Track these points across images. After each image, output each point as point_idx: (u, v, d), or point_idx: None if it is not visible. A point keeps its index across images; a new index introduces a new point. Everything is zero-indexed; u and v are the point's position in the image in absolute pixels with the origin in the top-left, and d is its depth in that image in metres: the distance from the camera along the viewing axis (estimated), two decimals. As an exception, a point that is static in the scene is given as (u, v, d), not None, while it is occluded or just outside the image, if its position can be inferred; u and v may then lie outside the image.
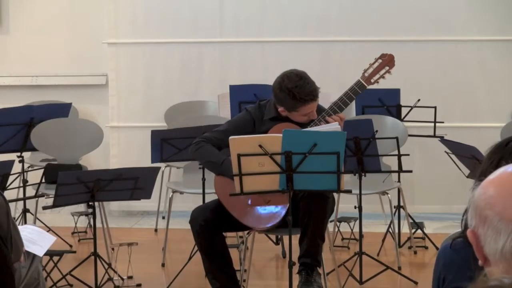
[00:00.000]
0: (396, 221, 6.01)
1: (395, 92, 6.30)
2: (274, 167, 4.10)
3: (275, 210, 4.44)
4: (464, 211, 2.10)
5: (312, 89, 4.51)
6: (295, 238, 4.42)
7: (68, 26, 7.55)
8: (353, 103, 6.34)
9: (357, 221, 5.38)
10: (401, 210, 6.04)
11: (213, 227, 4.51)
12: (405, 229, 6.12)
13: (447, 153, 5.62)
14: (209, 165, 4.61)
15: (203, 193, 5.50)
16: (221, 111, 6.56)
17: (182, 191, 5.96)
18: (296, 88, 4.47)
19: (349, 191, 4.62)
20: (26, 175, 5.50)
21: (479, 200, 1.63)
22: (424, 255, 6.03)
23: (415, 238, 6.11)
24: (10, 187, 4.86)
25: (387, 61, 4.76)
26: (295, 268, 4.41)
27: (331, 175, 4.11)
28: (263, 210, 4.48)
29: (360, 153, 5.14)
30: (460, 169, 5.57)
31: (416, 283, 5.30)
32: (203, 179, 5.51)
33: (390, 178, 5.86)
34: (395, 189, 6.00)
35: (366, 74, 4.71)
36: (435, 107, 6.09)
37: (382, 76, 4.77)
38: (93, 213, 4.90)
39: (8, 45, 7.63)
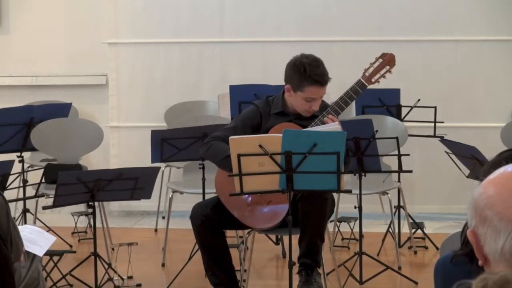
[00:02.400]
0: (396, 221, 6.01)
1: (395, 92, 6.30)
2: (274, 167, 4.10)
3: (276, 211, 4.44)
4: (464, 225, 2.09)
5: (324, 73, 4.50)
6: (295, 238, 4.41)
7: (68, 26, 7.55)
8: (353, 103, 6.35)
9: (357, 221, 5.38)
10: (401, 210, 6.04)
11: (213, 224, 4.51)
12: (405, 229, 6.12)
13: (447, 153, 5.62)
14: (224, 162, 4.42)
15: (203, 193, 5.50)
16: (221, 111, 6.56)
17: (182, 191, 5.96)
18: (309, 65, 4.48)
19: (349, 191, 4.61)
20: (26, 175, 5.50)
21: (479, 200, 1.63)
22: (424, 255, 6.03)
23: (415, 238, 6.10)
24: (10, 187, 4.86)
25: (388, 60, 4.75)
26: (295, 268, 4.40)
27: (331, 175, 4.11)
28: (264, 210, 4.48)
29: (360, 153, 5.14)
30: (460, 169, 5.57)
31: (416, 283, 5.30)
32: (203, 179, 5.51)
33: (390, 178, 5.86)
34: (395, 189, 6.00)
35: (367, 74, 4.70)
36: (435, 107, 6.09)
37: (383, 76, 4.75)
38: (93, 213, 4.90)
39: (8, 45, 7.63)
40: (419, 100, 6.14)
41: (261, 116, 4.62)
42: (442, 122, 6.20)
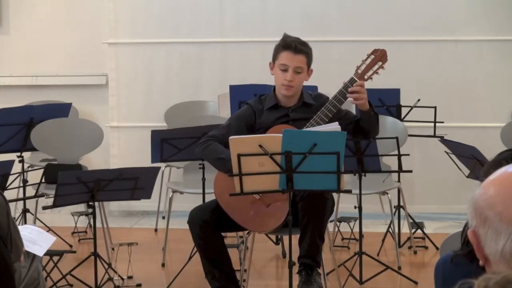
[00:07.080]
0: (396, 221, 6.01)
1: (395, 92, 6.30)
2: (274, 167, 4.10)
3: (276, 213, 4.43)
4: (464, 225, 2.09)
5: (296, 40, 4.66)
6: (295, 238, 4.41)
7: (68, 26, 7.55)
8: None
9: (357, 221, 5.38)
10: (401, 210, 6.04)
11: (212, 228, 4.50)
12: (405, 229, 6.12)
13: (447, 153, 5.62)
14: (218, 163, 4.49)
15: (203, 193, 5.50)
16: (221, 111, 6.56)
17: (182, 191, 5.96)
18: (286, 36, 4.71)
19: (349, 191, 4.61)
20: (26, 175, 5.50)
21: (480, 200, 1.63)
22: (424, 255, 6.03)
23: (415, 238, 6.11)
24: (10, 187, 4.86)
25: (380, 56, 4.70)
26: (295, 268, 4.40)
27: (331, 175, 4.11)
28: (263, 213, 4.46)
29: (360, 153, 5.14)
30: (460, 169, 5.57)
31: (416, 283, 5.30)
32: (203, 179, 5.51)
33: (390, 178, 5.86)
34: (395, 189, 6.00)
35: (359, 71, 4.66)
36: (435, 107, 6.09)
37: (376, 72, 4.68)
38: (93, 213, 4.90)
39: (8, 45, 7.63)
40: (419, 100, 6.14)
41: (255, 113, 4.65)
42: (442, 122, 6.20)
